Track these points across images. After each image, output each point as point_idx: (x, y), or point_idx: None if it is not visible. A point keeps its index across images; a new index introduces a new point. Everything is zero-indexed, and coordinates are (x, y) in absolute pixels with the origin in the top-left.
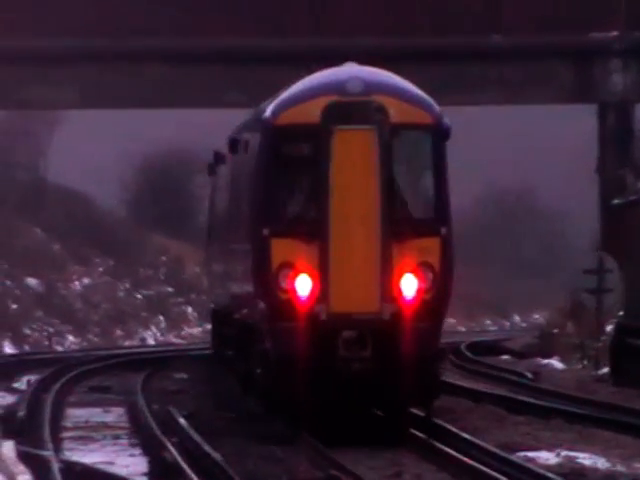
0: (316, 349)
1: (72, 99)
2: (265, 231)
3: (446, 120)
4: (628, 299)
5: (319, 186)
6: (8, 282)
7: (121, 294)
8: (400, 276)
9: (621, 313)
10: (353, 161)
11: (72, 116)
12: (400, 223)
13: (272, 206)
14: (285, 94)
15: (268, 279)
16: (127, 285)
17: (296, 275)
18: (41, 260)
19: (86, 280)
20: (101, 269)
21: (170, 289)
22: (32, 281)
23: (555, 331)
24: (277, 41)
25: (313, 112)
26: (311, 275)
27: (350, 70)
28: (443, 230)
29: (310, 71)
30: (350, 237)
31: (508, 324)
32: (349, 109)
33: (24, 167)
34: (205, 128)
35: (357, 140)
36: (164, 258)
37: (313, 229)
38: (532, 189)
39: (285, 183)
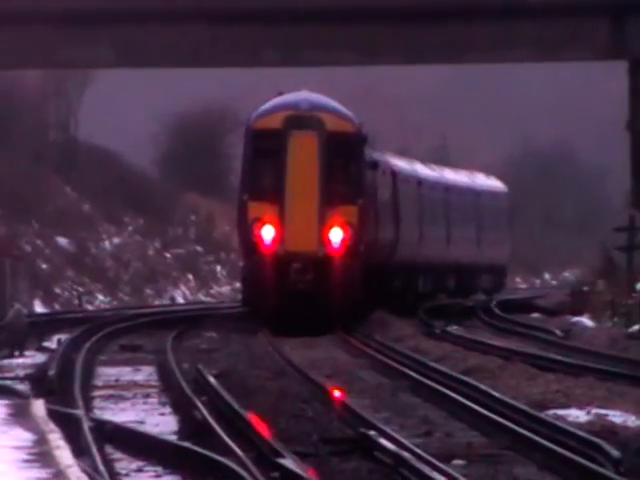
0: (275, 274)
1: (107, 58)
2: (245, 196)
3: (363, 130)
4: None
5: (280, 169)
6: (39, 241)
7: (151, 253)
8: (330, 229)
9: None
10: (302, 154)
11: (102, 76)
12: (331, 195)
13: (250, 181)
14: (260, 109)
15: (245, 227)
16: (157, 244)
17: (263, 225)
18: (72, 219)
19: (116, 239)
20: (131, 228)
21: (200, 248)
22: (62, 240)
23: (586, 289)
24: (312, 0)
25: (277, 121)
26: (273, 226)
27: (303, 95)
28: (359, 201)
29: (279, 94)
30: (299, 203)
31: (539, 282)
32: (300, 120)
33: (56, 126)
34: (238, 88)
35: (305, 140)
36: (194, 217)
37: (276, 197)
38: (567, 146)
39: (258, 166)
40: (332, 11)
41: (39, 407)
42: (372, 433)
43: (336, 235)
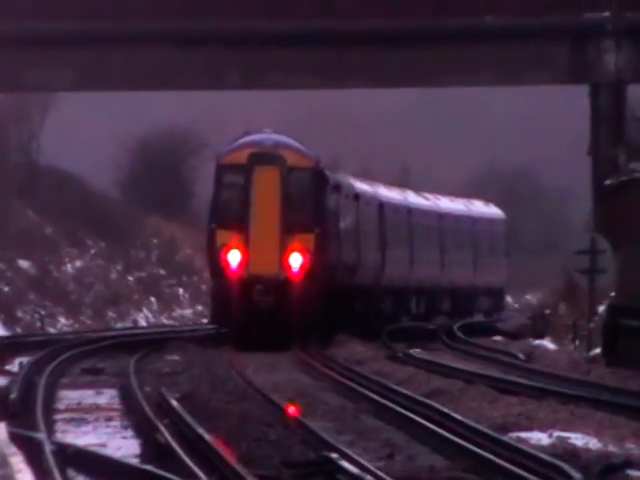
0: (240, 295)
1: (69, 81)
2: (213, 224)
3: (321, 165)
4: (620, 280)
5: (245, 200)
6: (1, 264)
7: (113, 276)
8: (290, 254)
9: (613, 294)
10: (265, 187)
11: (64, 99)
12: (291, 224)
13: (218, 210)
14: (228, 147)
15: (214, 252)
16: (119, 267)
17: (229, 250)
18: (34, 242)
19: (79, 262)
20: (94, 251)
21: (162, 271)
22: (25, 263)
23: (547, 312)
24: (277, 23)
25: (242, 157)
26: (239, 251)
27: (266, 134)
28: (316, 230)
29: (246, 133)
30: (262, 230)
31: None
32: (263, 156)
33: (17, 150)
34: (201, 110)
35: (267, 174)
36: (156, 240)
37: (241, 225)
38: (532, 169)
39: (226, 197)
40: (295, 35)
41: (1, 430)
42: (334, 456)
43: (295, 260)
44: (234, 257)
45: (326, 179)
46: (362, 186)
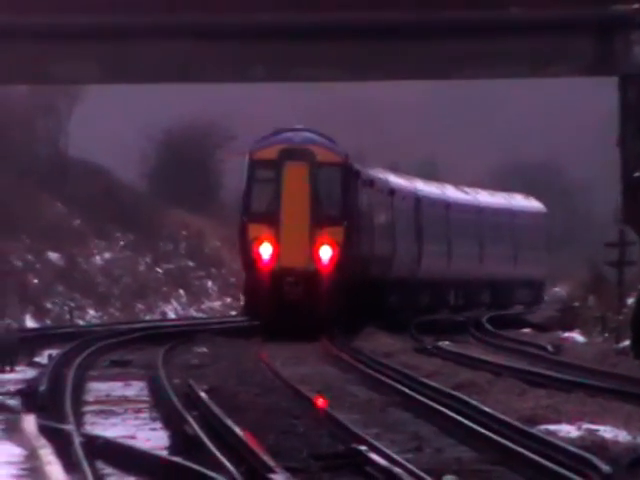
0: (271, 287)
1: (95, 74)
2: (245, 218)
3: (350, 160)
4: None
5: (276, 195)
6: (30, 256)
7: (142, 268)
8: (319, 247)
9: None
10: (295, 182)
11: (92, 91)
12: (320, 218)
13: (250, 205)
14: (259, 143)
15: (246, 246)
16: (148, 259)
17: (261, 244)
18: (62, 235)
19: (107, 254)
20: (122, 243)
21: (191, 263)
22: (53, 255)
23: (576, 304)
24: (302, 17)
25: (273, 153)
26: (270, 244)
27: (296, 131)
28: (345, 223)
29: (277, 130)
30: (292, 224)
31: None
32: (293, 152)
33: (45, 142)
34: (226, 103)
35: (297, 170)
36: (185, 232)
37: (272, 219)
38: (556, 162)
39: (257, 191)
40: (318, 28)
41: (30, 422)
42: (363, 448)
43: (324, 253)
44: (265, 250)
45: (357, 174)
46: (398, 181)
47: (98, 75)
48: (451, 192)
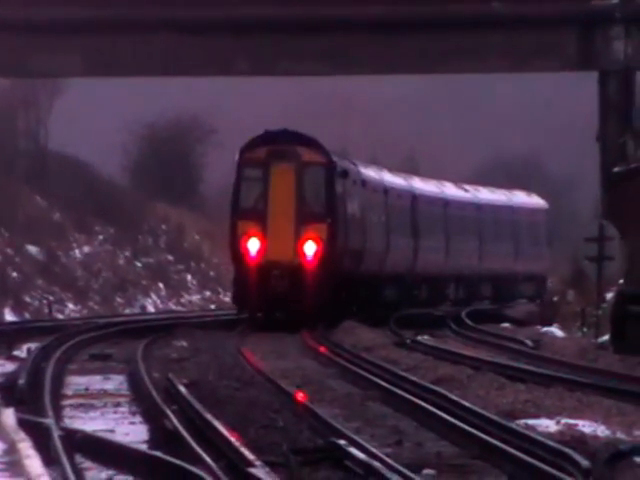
0: (258, 279)
1: (76, 68)
2: (234, 216)
3: (335, 159)
4: (628, 267)
5: (263, 193)
6: (9, 250)
7: (121, 262)
8: (304, 242)
9: (621, 281)
10: (281, 181)
11: (72, 85)
12: (305, 215)
13: (238, 203)
14: (248, 143)
15: (235, 241)
16: (127, 253)
17: (249, 239)
18: (42, 228)
19: (87, 248)
20: (102, 237)
21: (170, 257)
22: (33, 249)
23: (556, 299)
24: (285, 10)
25: (261, 153)
26: (258, 239)
27: (283, 131)
28: (328, 220)
29: (265, 131)
30: (278, 221)
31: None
32: (280, 153)
33: (25, 135)
34: (208, 97)
35: (284, 170)
36: (164, 226)
37: (259, 216)
38: (539, 158)
39: (246, 190)
40: (302, 21)
41: (9, 416)
42: (342, 442)
43: (309, 247)
44: (253, 245)
45: (345, 173)
46: (393, 180)
47: (81, 69)
48: (450, 190)
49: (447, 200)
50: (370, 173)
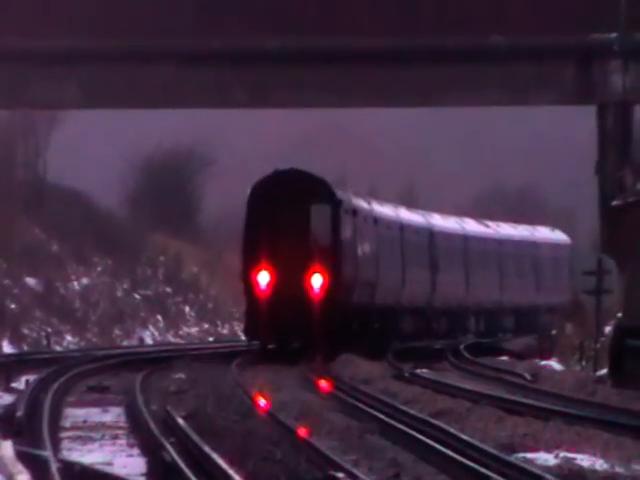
0: (269, 310)
1: (73, 99)
2: (246, 249)
3: (341, 198)
4: (627, 300)
5: (273, 230)
6: (7, 281)
7: (119, 294)
8: (311, 276)
9: (620, 314)
10: (290, 218)
11: (70, 116)
12: (312, 250)
13: (249, 237)
14: (258, 182)
15: (247, 274)
16: (125, 285)
17: (259, 272)
18: (40, 259)
19: (85, 280)
20: (100, 269)
21: (168, 289)
22: (31, 280)
23: (554, 332)
24: (284, 41)
25: (271, 192)
26: (268, 273)
27: (292, 170)
28: (335, 254)
29: (275, 171)
30: (287, 255)
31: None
32: (289, 192)
33: (23, 166)
34: (206, 128)
35: (293, 208)
36: (162, 258)
37: (270, 252)
38: (535, 189)
39: (256, 228)
40: (301, 53)
41: (7, 448)
42: (340, 475)
43: (316, 281)
44: (264, 278)
45: (354, 212)
46: (410, 217)
47: (80, 100)
48: (470, 226)
49: (467, 236)
50: (384, 210)
